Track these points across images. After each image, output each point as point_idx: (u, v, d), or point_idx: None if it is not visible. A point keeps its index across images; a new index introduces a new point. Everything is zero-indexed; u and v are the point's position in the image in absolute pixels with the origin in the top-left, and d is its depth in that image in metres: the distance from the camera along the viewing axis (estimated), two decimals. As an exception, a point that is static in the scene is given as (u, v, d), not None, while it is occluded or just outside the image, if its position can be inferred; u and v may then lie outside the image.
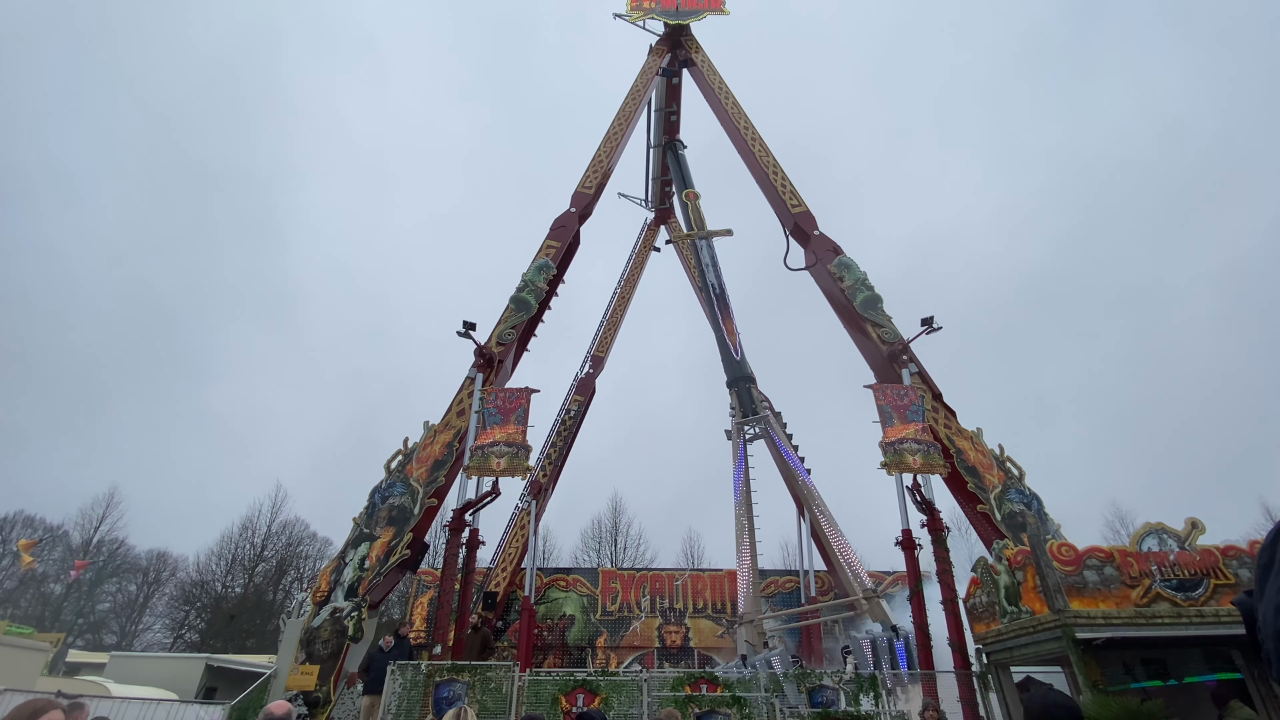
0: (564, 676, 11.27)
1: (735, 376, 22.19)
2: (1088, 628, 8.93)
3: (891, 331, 17.27)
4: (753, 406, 21.45)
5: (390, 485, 15.19)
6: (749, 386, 22.04)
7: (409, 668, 10.76)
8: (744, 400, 21.59)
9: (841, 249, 19.47)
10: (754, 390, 22.22)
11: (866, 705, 10.47)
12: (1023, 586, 10.23)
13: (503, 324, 17.83)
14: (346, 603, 13.48)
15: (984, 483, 15.05)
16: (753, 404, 21.56)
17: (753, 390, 22.17)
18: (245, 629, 38.32)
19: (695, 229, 24.73)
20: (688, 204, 25.84)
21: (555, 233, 20.29)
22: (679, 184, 27.78)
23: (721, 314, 23.58)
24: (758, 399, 21.99)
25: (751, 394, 21.95)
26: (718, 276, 24.30)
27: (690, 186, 26.97)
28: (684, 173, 28.49)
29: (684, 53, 27.29)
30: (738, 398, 21.83)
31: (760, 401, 22.04)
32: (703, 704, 10.14)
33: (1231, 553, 9.21)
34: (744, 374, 22.29)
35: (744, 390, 21.88)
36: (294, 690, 12.44)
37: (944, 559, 13.24)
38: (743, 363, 22.56)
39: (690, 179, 28.09)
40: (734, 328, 23.25)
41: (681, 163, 29.04)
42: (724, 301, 23.78)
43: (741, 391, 21.89)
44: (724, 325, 23.29)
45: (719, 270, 24.72)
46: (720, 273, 24.75)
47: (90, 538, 40.92)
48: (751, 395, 21.88)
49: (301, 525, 43.94)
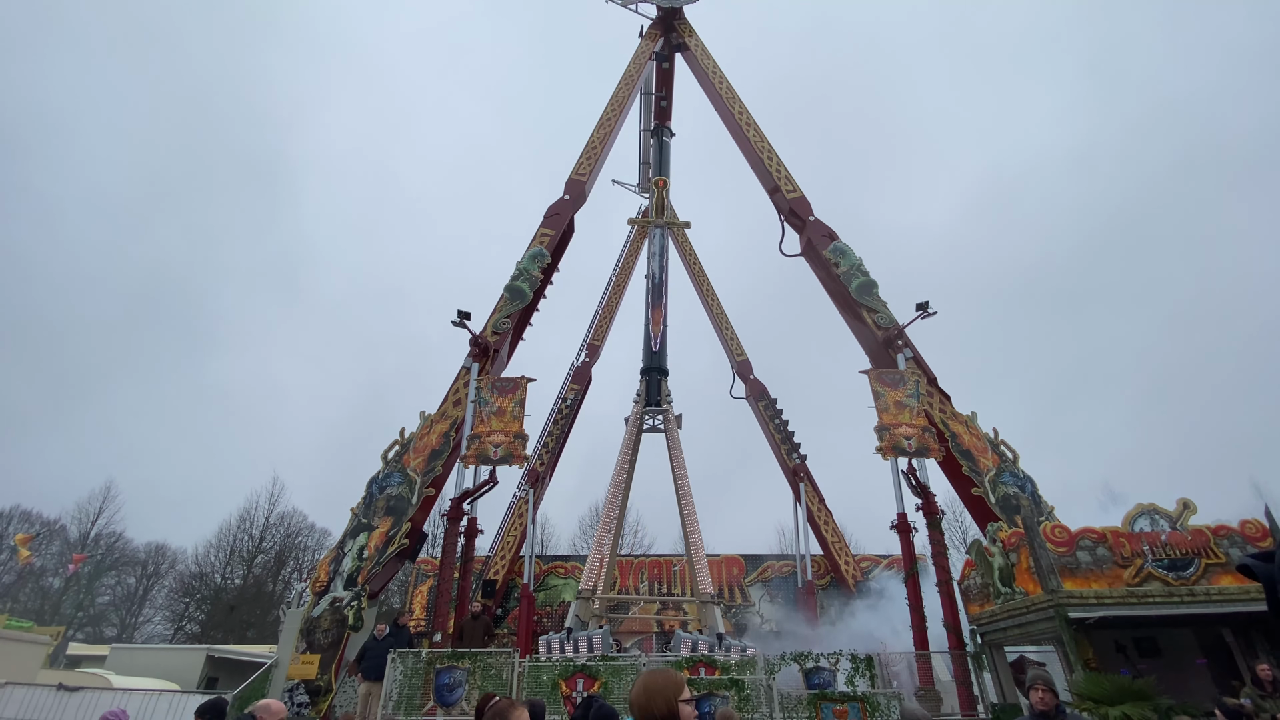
0: (563, 662, 11.37)
1: (648, 366, 23.03)
2: (1080, 607, 9.04)
3: (886, 317, 17.29)
4: (658, 398, 22.06)
5: (387, 475, 15.21)
6: (659, 379, 22.83)
7: (409, 655, 10.84)
8: (650, 390, 22.39)
9: (836, 234, 19.42)
10: (663, 384, 22.98)
11: (862, 686, 10.60)
12: (1016, 568, 10.35)
13: (498, 313, 17.76)
14: (346, 592, 13.53)
15: (978, 466, 15.16)
16: (659, 396, 22.25)
17: (663, 383, 22.93)
18: (245, 620, 38.49)
19: (656, 216, 24.97)
20: (655, 190, 25.94)
21: (549, 220, 20.15)
22: (655, 169, 27.86)
23: (653, 303, 24.06)
24: (665, 393, 22.68)
25: (660, 386, 22.70)
26: (661, 267, 24.68)
27: (663, 174, 27.11)
28: (662, 159, 28.66)
29: (677, 37, 26.97)
30: (645, 387, 22.57)
31: (666, 396, 22.78)
32: (701, 687, 10.25)
33: (1223, 532, 9.31)
34: (657, 365, 23.09)
35: (654, 381, 22.68)
36: (296, 679, 12.52)
37: (939, 542, 13.38)
38: (659, 355, 23.30)
39: (666, 167, 28.37)
40: (660, 319, 23.80)
41: (663, 149, 29.13)
42: (660, 292, 24.26)
43: (651, 381, 22.68)
44: (652, 314, 23.83)
45: (665, 261, 25.13)
46: (666, 264, 25.12)
47: (87, 531, 40.91)
48: (660, 387, 22.62)
49: (299, 516, 44.07)
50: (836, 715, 9.86)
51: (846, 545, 25.02)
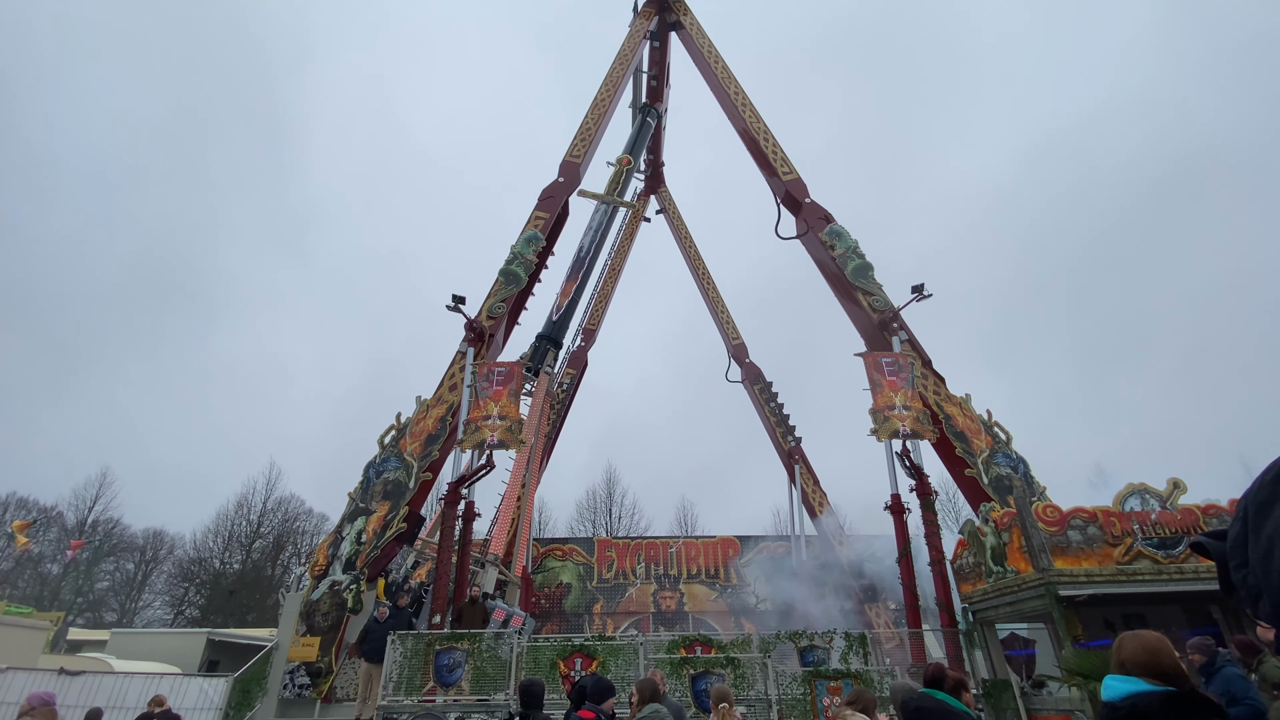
0: (562, 642, 11.50)
1: (543, 334, 23.67)
2: (1070, 585, 9.19)
3: (882, 300, 17.29)
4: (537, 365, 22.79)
5: (384, 460, 15.24)
6: (548, 347, 23.50)
7: (409, 637, 10.95)
8: (536, 355, 23.07)
9: (833, 216, 19.34)
10: (552, 353, 23.65)
11: (856, 664, 10.78)
12: (1008, 547, 10.49)
13: (492, 297, 17.67)
14: (345, 576, 13.63)
15: (972, 447, 15.28)
16: (540, 362, 22.91)
17: (551, 352, 23.61)
18: (245, 604, 38.77)
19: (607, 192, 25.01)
20: (618, 165, 25.82)
21: (543, 203, 19.98)
22: (628, 146, 27.64)
23: (571, 274, 24.42)
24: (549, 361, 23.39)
25: (545, 353, 23.24)
26: (592, 242, 25.02)
27: (631, 153, 26.89)
28: (640, 140, 28.38)
29: (672, 15, 26.56)
30: (533, 351, 23.23)
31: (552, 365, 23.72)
32: (697, 665, 10.41)
33: (1212, 511, 9.44)
34: (550, 334, 23.68)
35: (542, 348, 23.34)
36: (296, 661, 12.65)
37: (932, 522, 13.53)
38: (558, 325, 23.83)
39: (641, 148, 28.11)
40: (570, 291, 24.20)
41: (643, 129, 28.76)
42: (580, 267, 24.58)
43: (539, 348, 23.32)
44: (565, 285, 24.24)
45: (601, 238, 25.48)
46: (599, 241, 25.42)
47: (85, 518, 40.97)
48: (544, 354, 23.18)
49: (297, 502, 44.22)
50: (831, 692, 10.04)
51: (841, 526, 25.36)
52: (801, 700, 10.04)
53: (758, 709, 9.96)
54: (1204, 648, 6.03)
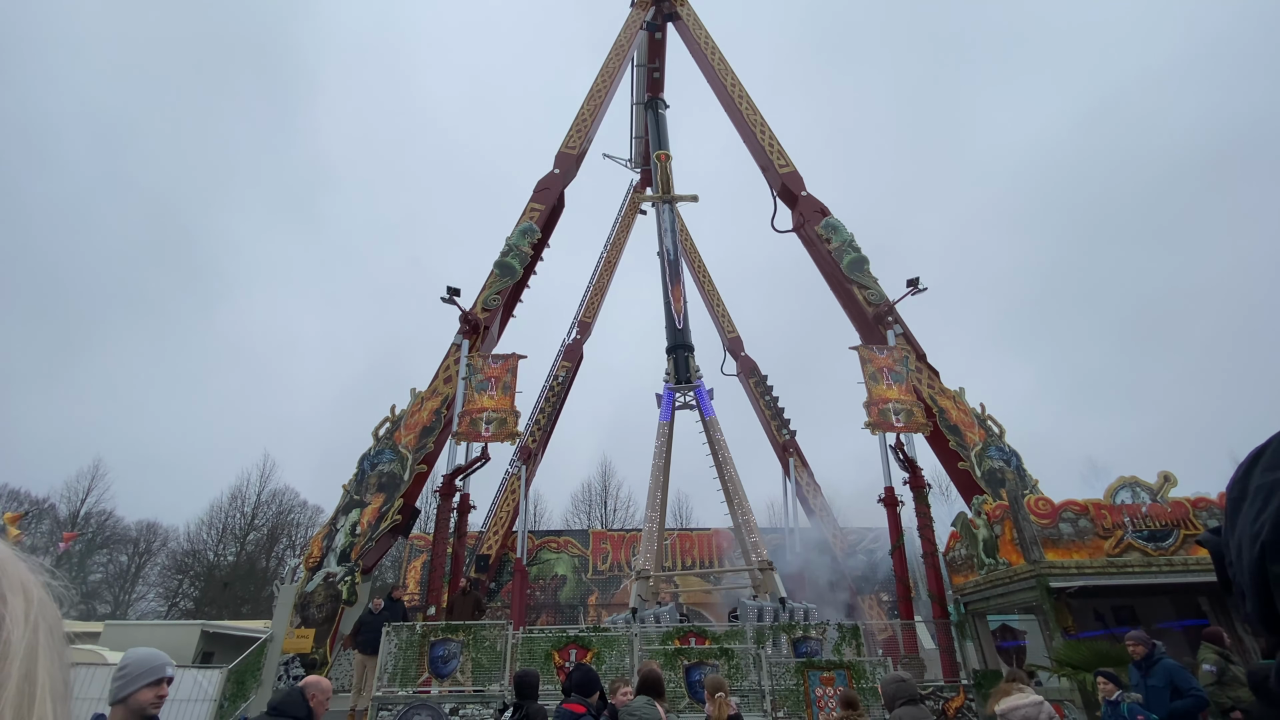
0: (556, 633, 11.54)
1: (674, 344, 22.99)
2: (1061, 577, 9.27)
3: (877, 293, 17.32)
4: (687, 375, 22.17)
5: (379, 452, 15.20)
6: (686, 355, 22.84)
7: (404, 629, 10.96)
8: (679, 368, 22.39)
9: (829, 209, 19.32)
10: (690, 359, 23.01)
11: (849, 655, 10.86)
12: (1000, 539, 10.57)
13: (487, 289, 17.61)
14: (339, 568, 13.63)
15: (965, 440, 15.36)
16: (688, 373, 22.34)
17: (690, 359, 22.96)
18: (240, 596, 38.73)
19: (661, 192, 24.62)
20: (658, 165, 25.56)
21: (539, 195, 19.89)
22: (654, 144, 27.38)
23: (671, 281, 23.92)
24: (693, 368, 22.80)
25: (688, 363, 22.71)
26: (674, 243, 24.54)
27: (664, 148, 26.61)
28: (660, 133, 28.04)
29: (669, 5, 26.38)
30: (674, 365, 22.60)
31: (695, 371, 22.89)
32: (692, 656, 10.47)
33: (1201, 504, 9.53)
34: (683, 342, 23.06)
35: (681, 358, 22.67)
36: (291, 653, 12.66)
37: (925, 515, 13.61)
38: (684, 331, 23.25)
39: (665, 140, 27.73)
40: (680, 295, 23.69)
41: (660, 122, 28.44)
42: (676, 270, 24.13)
43: (679, 359, 22.67)
44: (672, 292, 23.70)
45: (676, 238, 24.92)
46: (677, 240, 24.92)
47: (77, 510, 40.75)
48: (688, 364, 22.65)
49: (291, 494, 44.09)
50: (823, 682, 10.12)
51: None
52: (794, 690, 10.12)
53: (751, 699, 10.03)
54: (1143, 639, 6.22)
